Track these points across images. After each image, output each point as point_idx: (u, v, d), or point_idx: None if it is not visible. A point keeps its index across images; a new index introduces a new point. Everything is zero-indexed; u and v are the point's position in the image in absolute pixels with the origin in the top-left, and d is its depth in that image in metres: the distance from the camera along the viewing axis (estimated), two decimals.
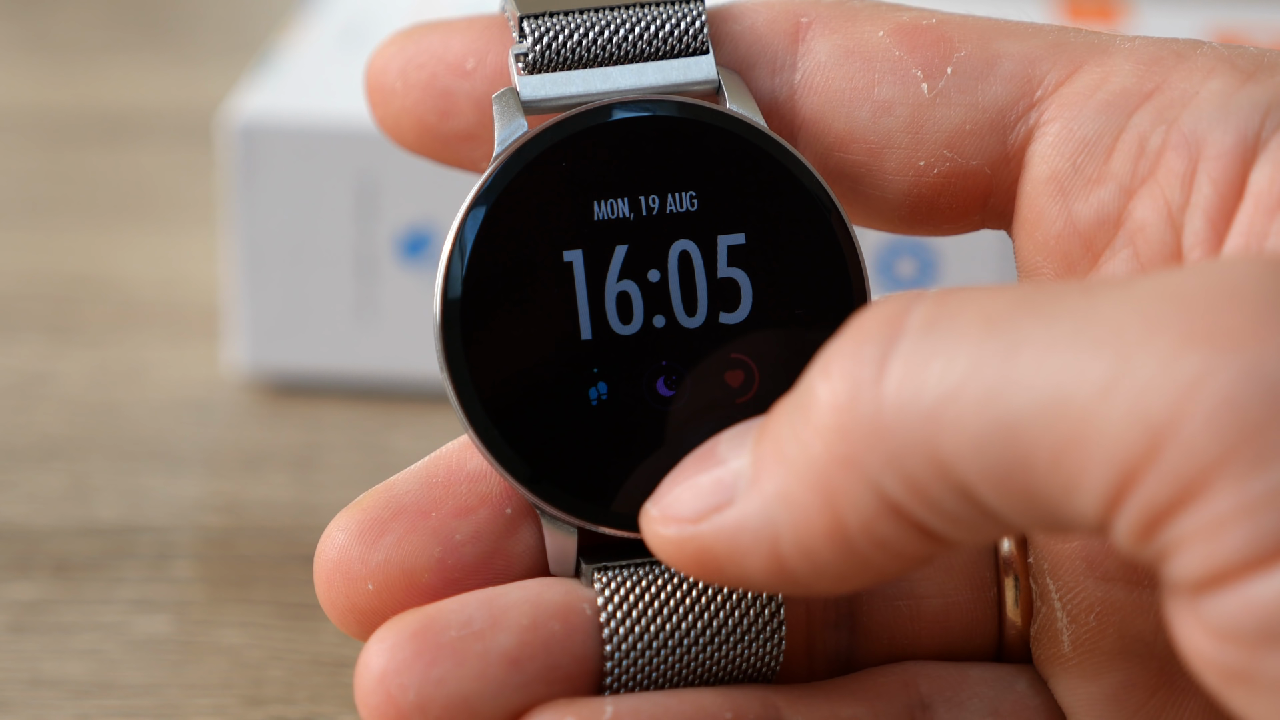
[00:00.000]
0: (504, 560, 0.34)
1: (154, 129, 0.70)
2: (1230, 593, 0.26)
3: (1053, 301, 0.27)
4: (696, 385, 0.33)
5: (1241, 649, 0.26)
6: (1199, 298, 0.26)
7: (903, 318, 0.28)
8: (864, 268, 0.34)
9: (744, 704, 0.33)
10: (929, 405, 0.27)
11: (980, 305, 0.28)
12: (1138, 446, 0.26)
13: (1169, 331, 0.26)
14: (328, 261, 0.53)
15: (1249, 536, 0.26)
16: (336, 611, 0.33)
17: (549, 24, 0.34)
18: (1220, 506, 0.26)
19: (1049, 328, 0.27)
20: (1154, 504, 0.26)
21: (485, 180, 0.33)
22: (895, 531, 0.29)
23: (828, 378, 0.29)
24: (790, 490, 0.29)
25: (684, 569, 0.31)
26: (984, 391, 0.27)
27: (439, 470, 0.34)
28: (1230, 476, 0.26)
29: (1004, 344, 0.27)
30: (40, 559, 0.47)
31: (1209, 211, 0.31)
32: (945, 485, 0.28)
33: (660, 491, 0.32)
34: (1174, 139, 0.32)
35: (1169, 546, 0.26)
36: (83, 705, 0.42)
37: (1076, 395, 0.26)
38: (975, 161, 0.34)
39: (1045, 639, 0.35)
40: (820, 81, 0.34)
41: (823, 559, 0.29)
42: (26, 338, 0.57)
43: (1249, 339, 0.26)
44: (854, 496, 0.28)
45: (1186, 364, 0.26)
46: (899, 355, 0.28)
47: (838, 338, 0.29)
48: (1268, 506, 0.25)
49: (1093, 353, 0.26)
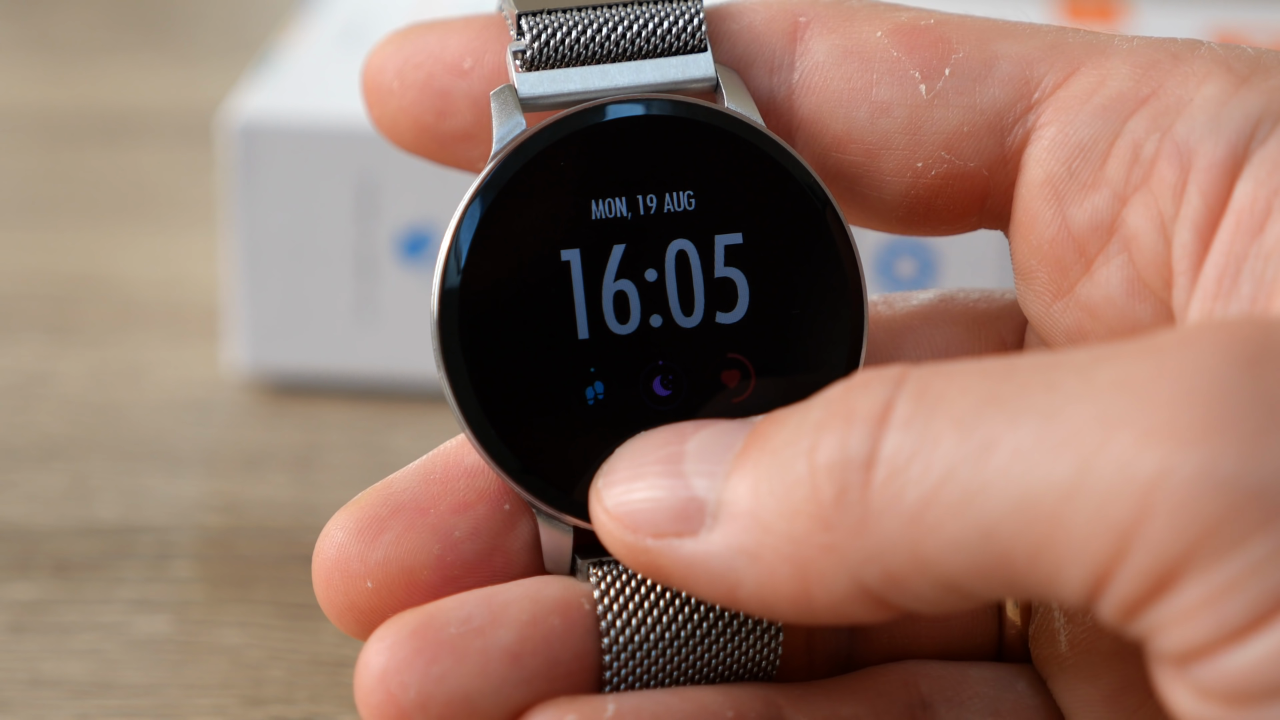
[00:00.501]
0: (503, 556, 0.34)
1: (154, 129, 0.70)
2: (1208, 664, 0.27)
3: (1018, 398, 0.28)
4: (693, 385, 0.33)
5: (1223, 707, 0.27)
6: (1154, 391, 0.27)
7: (890, 409, 0.29)
8: (861, 268, 0.34)
9: (745, 702, 0.33)
10: (910, 508, 0.28)
11: (954, 402, 0.28)
12: (1106, 548, 0.27)
13: (1127, 430, 0.27)
14: (327, 261, 0.53)
15: (1219, 619, 0.27)
16: (335, 610, 0.33)
17: (547, 21, 0.34)
18: (1190, 597, 0.27)
19: (1015, 430, 0.28)
20: (1129, 597, 0.27)
21: (483, 178, 0.33)
22: (863, 610, 0.29)
23: (814, 462, 0.29)
24: (761, 554, 0.30)
25: (626, 564, 0.32)
26: (960, 494, 0.28)
27: (437, 467, 0.34)
28: (1196, 570, 0.27)
29: (976, 445, 0.28)
30: (40, 559, 0.47)
31: (1197, 225, 0.31)
32: (927, 579, 0.29)
33: (614, 475, 0.32)
34: (1167, 148, 0.32)
35: (1149, 629, 0.28)
36: (82, 705, 0.42)
37: (1045, 499, 0.27)
38: (973, 163, 0.34)
39: (1043, 639, 0.35)
40: (818, 81, 0.34)
41: (778, 609, 0.30)
42: (26, 338, 0.57)
43: (1203, 435, 0.27)
44: (829, 580, 0.29)
45: (1144, 464, 0.27)
46: (883, 455, 0.29)
47: (827, 409, 0.29)
48: (1233, 591, 0.27)
49: (1055, 456, 0.27)
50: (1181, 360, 0.27)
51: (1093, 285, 0.33)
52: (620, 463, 0.32)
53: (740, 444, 0.30)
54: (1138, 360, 0.28)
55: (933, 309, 0.36)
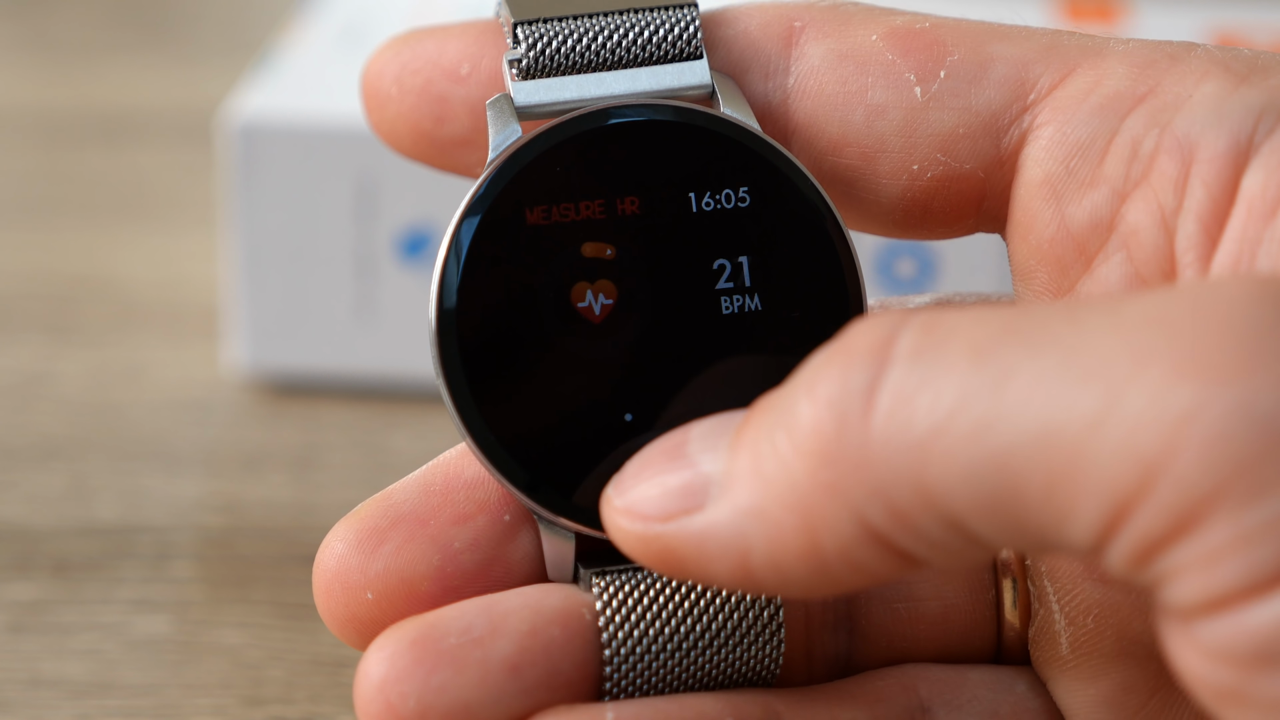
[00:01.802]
0: (503, 567, 0.33)
1: (154, 129, 0.70)
2: (1225, 618, 0.26)
3: (1039, 330, 0.27)
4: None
5: (1235, 670, 0.26)
6: (1188, 326, 0.26)
7: (891, 344, 0.28)
8: (860, 271, 0.34)
9: (745, 708, 0.33)
10: (917, 438, 0.27)
11: (967, 334, 0.28)
12: (1130, 480, 0.26)
13: (1159, 363, 0.26)
14: (327, 261, 0.53)
15: (1245, 566, 0.26)
16: (336, 621, 0.33)
17: (543, 30, 0.34)
18: (1215, 539, 0.26)
19: (1036, 359, 0.27)
20: (1148, 535, 0.26)
21: (479, 187, 0.33)
22: (873, 556, 0.28)
23: (813, 400, 0.28)
24: (766, 508, 0.29)
25: (643, 562, 0.31)
26: (973, 425, 0.27)
27: (437, 478, 0.34)
28: (1225, 510, 0.26)
29: (992, 376, 0.27)
30: (40, 559, 0.47)
31: (1202, 216, 0.31)
32: (932, 515, 0.28)
33: (624, 481, 0.31)
34: (1167, 143, 0.32)
35: (1164, 574, 0.27)
36: (82, 705, 0.42)
37: (1067, 429, 0.26)
38: (969, 165, 0.34)
39: (1043, 641, 0.35)
40: (814, 85, 0.34)
41: (792, 573, 0.29)
42: (26, 338, 0.57)
43: (1240, 371, 0.26)
44: (835, 523, 0.28)
45: (1178, 398, 0.26)
46: (887, 385, 0.28)
47: (824, 355, 0.29)
48: (1263, 537, 0.26)
49: (1081, 385, 0.26)
50: (1215, 300, 0.27)
51: (1093, 283, 0.33)
52: (629, 467, 0.32)
53: (741, 420, 0.30)
54: (1167, 300, 0.27)
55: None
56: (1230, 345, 0.26)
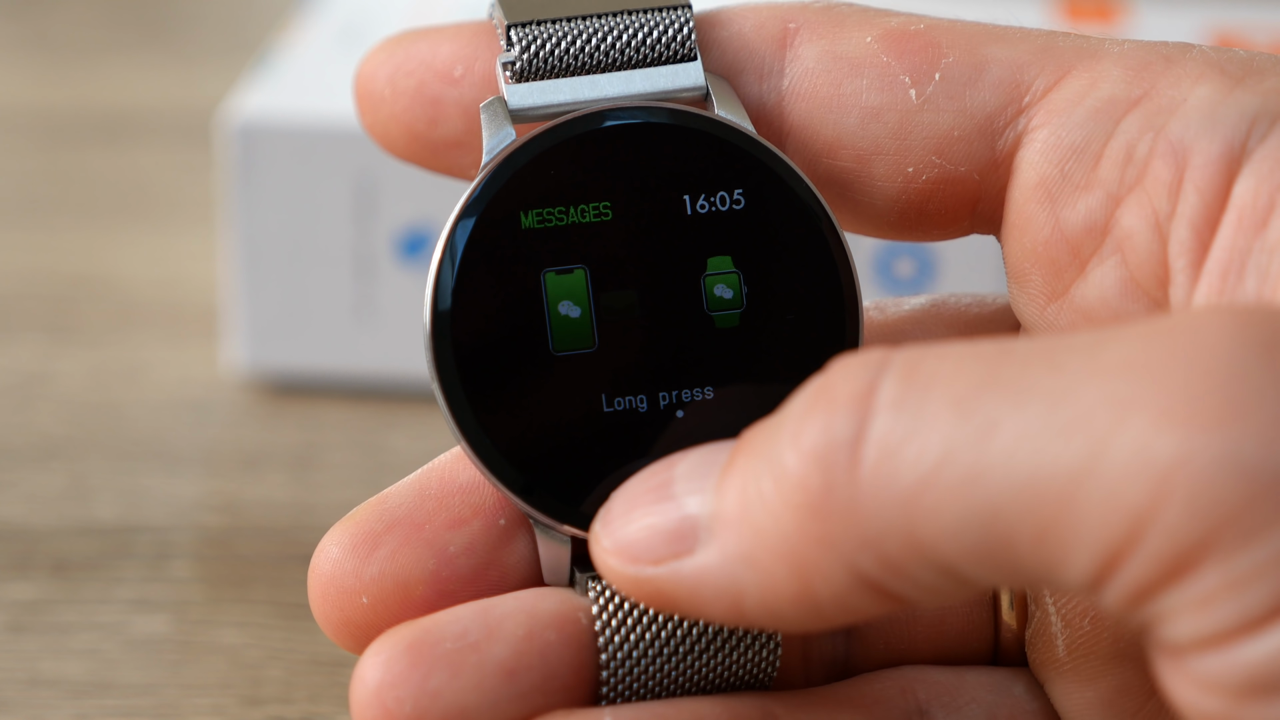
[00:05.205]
0: (498, 571, 0.33)
1: (153, 129, 0.70)
2: (1218, 653, 0.26)
3: (1020, 377, 0.27)
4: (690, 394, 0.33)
5: (1227, 699, 0.27)
6: (1168, 372, 0.26)
7: (873, 392, 0.28)
8: (855, 273, 0.34)
9: (741, 712, 0.33)
10: (905, 490, 0.27)
11: (948, 382, 0.28)
12: (1120, 531, 0.26)
13: (1141, 412, 0.26)
14: (326, 261, 0.53)
15: (1238, 608, 0.26)
16: (331, 626, 0.33)
17: (536, 32, 0.34)
18: (1208, 584, 0.26)
19: (1020, 410, 0.27)
20: (1140, 582, 0.27)
21: (474, 189, 0.33)
22: (866, 600, 0.29)
23: (798, 450, 0.28)
24: (758, 556, 0.29)
25: (637, 599, 0.31)
26: (960, 478, 0.27)
27: (432, 482, 0.34)
28: (1216, 557, 0.26)
29: (976, 428, 0.27)
30: (39, 559, 0.47)
31: (1195, 222, 0.31)
32: (924, 563, 0.28)
33: (612, 520, 0.31)
34: (1161, 147, 0.32)
35: (1158, 616, 0.27)
36: (81, 705, 0.42)
37: (1054, 481, 0.27)
38: (964, 167, 0.34)
39: (1040, 643, 0.35)
40: (808, 87, 0.34)
41: (785, 614, 0.29)
42: (26, 338, 0.57)
43: (1222, 419, 0.26)
44: (827, 573, 0.28)
45: (1162, 447, 0.26)
46: (872, 437, 0.28)
47: (808, 396, 0.29)
48: (1255, 580, 0.26)
49: (1066, 437, 0.26)
50: (1194, 342, 0.27)
51: (1087, 287, 0.33)
52: (615, 503, 0.32)
53: (727, 457, 0.30)
54: (1147, 341, 0.27)
55: (924, 314, 0.36)
56: (1211, 391, 0.26)
